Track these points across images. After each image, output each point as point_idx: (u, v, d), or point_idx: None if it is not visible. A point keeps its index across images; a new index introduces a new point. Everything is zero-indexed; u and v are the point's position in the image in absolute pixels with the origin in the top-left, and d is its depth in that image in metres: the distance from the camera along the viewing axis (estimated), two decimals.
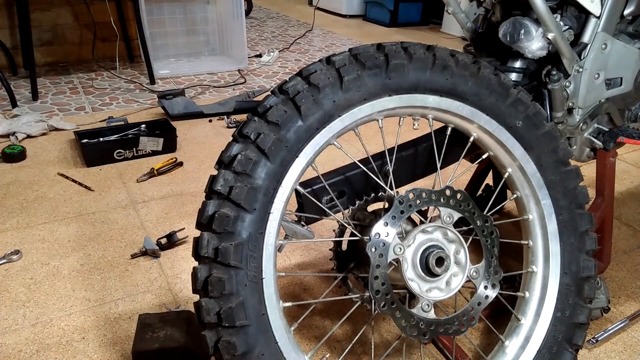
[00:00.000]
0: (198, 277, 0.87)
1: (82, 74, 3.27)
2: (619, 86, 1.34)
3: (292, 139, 0.90)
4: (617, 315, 1.45)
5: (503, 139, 1.06)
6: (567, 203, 1.10)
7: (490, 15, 1.31)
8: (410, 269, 0.98)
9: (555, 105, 1.24)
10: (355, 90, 0.93)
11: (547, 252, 1.11)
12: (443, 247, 0.99)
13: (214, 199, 0.88)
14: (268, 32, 4.71)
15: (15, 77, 3.10)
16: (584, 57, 1.24)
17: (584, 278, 1.11)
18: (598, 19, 1.22)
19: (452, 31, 4.95)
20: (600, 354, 1.33)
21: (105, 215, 1.83)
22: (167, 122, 2.42)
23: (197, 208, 1.86)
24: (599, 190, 1.43)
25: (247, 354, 0.87)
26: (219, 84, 3.24)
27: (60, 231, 1.73)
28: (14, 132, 2.35)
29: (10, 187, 1.98)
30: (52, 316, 1.37)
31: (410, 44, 0.99)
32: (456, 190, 1.03)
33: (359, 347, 1.29)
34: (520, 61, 1.25)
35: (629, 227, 1.90)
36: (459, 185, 1.13)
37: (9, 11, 3.10)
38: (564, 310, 1.10)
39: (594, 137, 1.35)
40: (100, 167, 2.16)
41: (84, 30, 3.37)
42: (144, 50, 3.10)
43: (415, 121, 1.05)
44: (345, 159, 1.09)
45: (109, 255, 1.62)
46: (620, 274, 1.64)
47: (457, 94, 1.01)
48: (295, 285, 1.53)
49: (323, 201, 1.10)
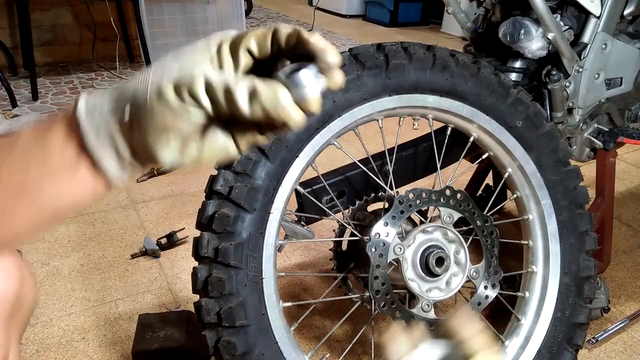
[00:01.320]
0: (198, 277, 0.87)
1: (82, 74, 3.27)
2: (619, 86, 1.34)
3: (292, 139, 0.90)
4: (617, 315, 1.45)
5: (503, 139, 1.06)
6: (567, 203, 1.10)
7: (490, 15, 1.31)
8: (410, 269, 0.98)
9: (555, 105, 1.24)
10: (355, 90, 0.93)
11: (547, 252, 1.10)
12: (443, 247, 0.99)
13: (214, 199, 0.88)
14: None
15: (15, 77, 3.10)
16: (584, 57, 1.24)
17: (584, 278, 1.11)
18: (598, 19, 1.22)
19: (452, 31, 4.94)
20: (600, 354, 1.33)
21: (105, 215, 1.83)
22: None
23: (197, 208, 1.86)
24: (599, 190, 1.43)
25: (247, 354, 0.87)
26: None
27: (60, 231, 1.73)
28: None
29: None
30: (52, 316, 1.37)
31: (410, 44, 0.99)
32: (456, 190, 1.03)
33: (359, 347, 1.29)
34: (520, 61, 1.25)
35: (629, 227, 1.90)
36: (459, 185, 1.13)
37: (9, 11, 3.09)
38: (564, 310, 1.10)
39: (594, 137, 1.35)
40: None
41: (84, 30, 3.36)
42: (144, 50, 3.10)
43: (415, 121, 1.05)
44: (345, 159, 1.09)
45: (109, 255, 1.62)
46: (620, 274, 1.64)
47: (457, 94, 1.01)
48: (295, 285, 1.53)
49: (323, 201, 1.10)
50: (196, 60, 0.42)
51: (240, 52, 0.43)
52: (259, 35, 0.44)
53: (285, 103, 0.40)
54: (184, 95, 0.41)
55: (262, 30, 0.44)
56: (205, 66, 0.42)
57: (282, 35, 0.43)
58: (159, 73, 0.42)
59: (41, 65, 3.26)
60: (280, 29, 0.43)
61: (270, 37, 0.43)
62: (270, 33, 0.43)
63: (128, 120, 0.42)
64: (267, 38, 0.43)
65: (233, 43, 0.44)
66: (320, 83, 0.41)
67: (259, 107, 0.40)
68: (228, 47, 0.44)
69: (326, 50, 0.42)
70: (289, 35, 0.43)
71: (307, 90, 0.41)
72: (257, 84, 0.40)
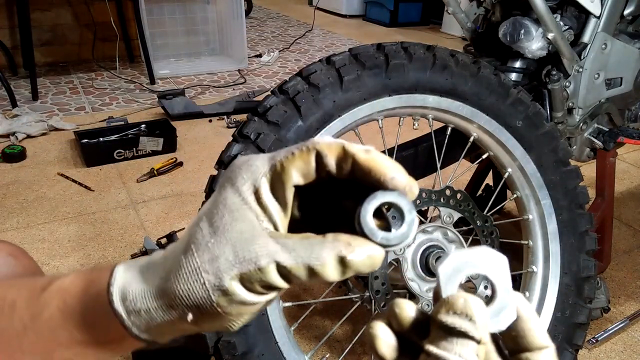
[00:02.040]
0: None
1: (82, 74, 3.27)
2: (619, 86, 1.34)
3: (292, 139, 0.90)
4: (617, 315, 1.45)
5: (503, 139, 1.06)
6: (567, 203, 1.10)
7: (490, 15, 1.31)
8: (410, 269, 0.98)
9: (555, 105, 1.24)
10: (355, 90, 0.93)
11: (547, 252, 1.10)
12: (443, 247, 0.99)
13: None
14: (268, 32, 4.71)
15: (15, 77, 3.10)
16: (584, 57, 1.24)
17: (584, 278, 1.11)
18: (598, 19, 1.22)
19: (452, 31, 4.94)
20: (600, 354, 1.33)
21: (105, 215, 1.83)
22: (167, 122, 2.42)
23: (197, 208, 1.86)
24: (599, 190, 1.43)
25: (247, 354, 0.87)
26: (219, 84, 3.24)
27: (60, 231, 1.73)
28: (14, 132, 2.35)
29: (10, 187, 1.98)
30: None
31: (410, 44, 0.99)
32: (456, 190, 1.03)
33: (359, 347, 1.29)
34: (520, 61, 1.25)
35: (629, 227, 1.90)
36: (459, 185, 1.13)
37: (9, 11, 3.09)
38: (564, 310, 1.10)
39: (594, 137, 1.35)
40: (100, 167, 2.16)
41: (84, 30, 3.37)
42: (144, 50, 3.10)
43: (415, 121, 1.05)
44: None
45: (109, 255, 1.62)
46: (620, 274, 1.64)
47: (457, 94, 1.01)
48: (295, 285, 1.53)
49: None
50: (246, 233, 0.33)
51: (287, 192, 0.34)
52: (301, 166, 0.34)
53: (380, 260, 0.34)
54: (256, 287, 0.33)
55: (302, 157, 0.34)
56: (263, 240, 0.33)
57: (329, 160, 0.34)
58: (209, 262, 0.33)
59: (41, 65, 3.26)
60: (324, 152, 0.34)
61: (314, 162, 0.34)
62: (312, 158, 0.34)
63: (192, 319, 0.35)
64: (311, 166, 0.34)
65: (272, 184, 0.34)
66: (414, 228, 0.34)
67: (350, 272, 0.33)
68: (269, 192, 0.34)
69: (396, 173, 0.34)
70: (339, 159, 0.34)
71: (404, 244, 0.35)
72: (343, 251, 0.32)
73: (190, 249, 0.34)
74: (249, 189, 0.34)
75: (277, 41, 4.40)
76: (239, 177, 0.34)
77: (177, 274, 0.34)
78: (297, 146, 0.35)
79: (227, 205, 0.34)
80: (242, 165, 0.35)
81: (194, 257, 0.33)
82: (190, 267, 0.33)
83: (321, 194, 0.37)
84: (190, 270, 0.33)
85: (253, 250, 0.33)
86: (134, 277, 0.36)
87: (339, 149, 0.34)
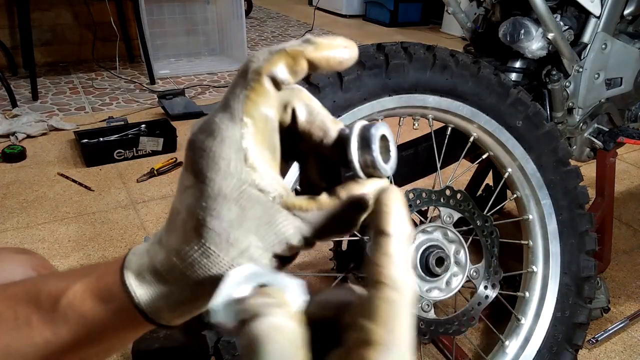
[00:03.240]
0: None
1: (82, 74, 3.27)
2: (619, 86, 1.34)
3: None
4: (617, 315, 1.45)
5: (503, 139, 1.06)
6: (567, 203, 1.10)
7: (490, 15, 1.31)
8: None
9: (555, 105, 1.24)
10: (355, 90, 0.93)
11: (547, 252, 1.10)
12: (443, 247, 0.99)
13: None
14: (268, 32, 4.71)
15: (15, 77, 3.10)
16: (584, 57, 1.24)
17: (584, 278, 1.11)
18: (598, 19, 1.22)
19: (452, 31, 4.94)
20: (600, 354, 1.33)
21: (105, 215, 1.83)
22: (167, 122, 2.42)
23: None
24: (599, 190, 1.43)
25: None
26: (219, 84, 3.24)
27: (60, 231, 1.73)
28: (14, 132, 2.35)
29: (10, 187, 1.98)
30: None
31: (410, 44, 0.99)
32: (456, 190, 1.03)
33: None
34: (520, 61, 1.25)
35: (629, 227, 1.90)
36: (459, 185, 1.13)
37: (9, 11, 3.09)
38: (564, 310, 1.10)
39: (594, 137, 1.35)
40: (100, 167, 2.16)
41: (84, 30, 3.36)
42: (144, 50, 3.10)
43: (415, 121, 1.05)
44: None
45: (109, 255, 1.62)
46: (620, 274, 1.64)
47: (457, 94, 1.01)
48: None
49: None
50: (263, 217, 0.32)
51: (274, 139, 0.34)
52: (265, 101, 0.32)
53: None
54: (287, 254, 0.35)
55: (258, 92, 0.32)
56: (283, 217, 0.33)
57: (279, 74, 0.32)
58: (239, 255, 0.33)
59: (41, 65, 3.26)
60: (272, 70, 0.32)
61: (272, 88, 0.32)
62: (265, 85, 0.32)
63: None
64: (271, 93, 0.32)
65: (256, 140, 0.32)
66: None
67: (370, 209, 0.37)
68: (258, 156, 0.32)
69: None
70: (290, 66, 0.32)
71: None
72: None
73: (209, 252, 0.32)
74: (240, 163, 0.31)
75: (277, 41, 4.40)
76: (220, 161, 0.32)
77: (208, 278, 0.33)
78: (247, 83, 0.32)
79: (227, 196, 0.31)
80: (213, 150, 0.32)
81: (219, 257, 0.32)
82: (220, 266, 0.32)
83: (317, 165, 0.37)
84: (220, 269, 0.33)
85: (279, 232, 0.33)
86: (158, 295, 0.35)
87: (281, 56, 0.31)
